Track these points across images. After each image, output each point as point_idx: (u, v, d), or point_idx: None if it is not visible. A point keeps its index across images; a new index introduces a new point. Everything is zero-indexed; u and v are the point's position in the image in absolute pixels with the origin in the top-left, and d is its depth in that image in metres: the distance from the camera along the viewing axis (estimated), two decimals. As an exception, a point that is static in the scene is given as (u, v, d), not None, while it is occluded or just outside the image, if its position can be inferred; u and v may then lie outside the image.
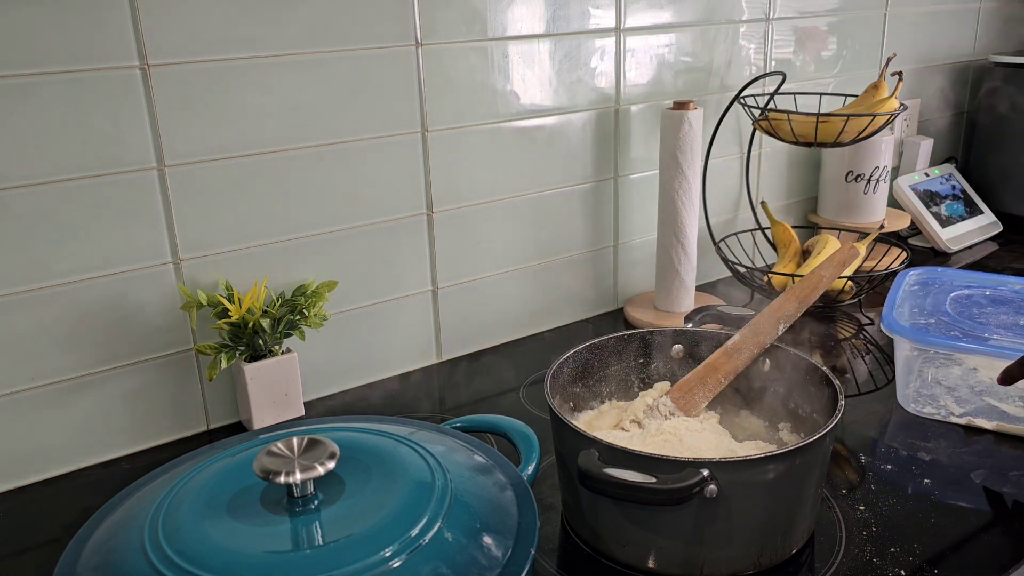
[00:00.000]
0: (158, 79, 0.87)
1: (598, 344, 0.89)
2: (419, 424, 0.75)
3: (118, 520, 0.61)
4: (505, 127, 1.12)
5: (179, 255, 0.93)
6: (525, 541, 0.58)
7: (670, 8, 1.24)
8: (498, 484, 0.65)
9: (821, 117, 1.21)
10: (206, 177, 0.92)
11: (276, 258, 0.99)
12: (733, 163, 1.41)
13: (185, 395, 0.97)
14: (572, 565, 0.75)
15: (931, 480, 0.86)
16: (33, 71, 0.81)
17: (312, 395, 1.05)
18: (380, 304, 1.09)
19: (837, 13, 1.47)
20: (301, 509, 0.58)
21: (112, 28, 0.83)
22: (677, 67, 1.28)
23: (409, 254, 1.09)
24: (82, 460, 0.92)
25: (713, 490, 0.66)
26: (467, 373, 1.14)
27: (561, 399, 0.85)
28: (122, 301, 0.90)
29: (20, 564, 0.78)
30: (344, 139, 1.00)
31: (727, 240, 1.38)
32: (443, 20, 1.03)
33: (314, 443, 0.60)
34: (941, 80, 1.75)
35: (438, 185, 1.08)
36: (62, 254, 0.86)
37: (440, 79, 1.05)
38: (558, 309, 1.26)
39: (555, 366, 0.84)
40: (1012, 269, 1.43)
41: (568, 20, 1.14)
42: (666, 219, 1.22)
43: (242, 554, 0.54)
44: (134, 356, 0.93)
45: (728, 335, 0.88)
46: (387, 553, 0.54)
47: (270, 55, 0.92)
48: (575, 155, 1.20)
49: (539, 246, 1.21)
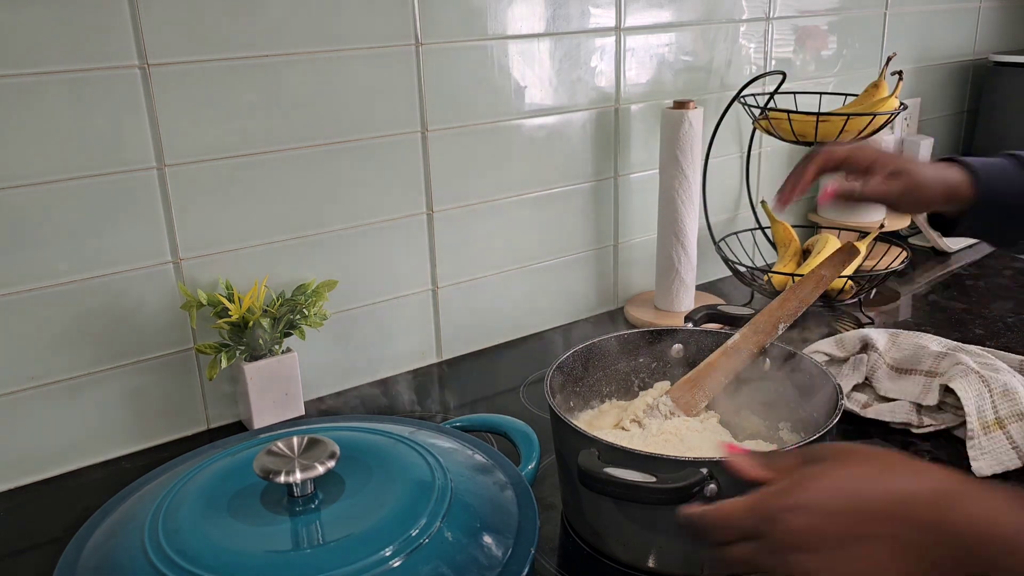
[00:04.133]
0: (158, 79, 0.87)
1: (598, 343, 0.89)
2: (419, 424, 0.75)
3: (118, 520, 0.61)
4: (505, 126, 1.12)
5: (179, 254, 0.93)
6: (525, 540, 0.58)
7: (670, 7, 1.24)
8: (498, 483, 0.65)
9: (821, 116, 1.21)
10: (206, 177, 0.92)
11: (276, 257, 0.99)
12: (733, 162, 1.41)
13: (185, 395, 0.97)
14: (572, 564, 0.75)
15: (931, 479, 0.86)
16: (33, 71, 0.81)
17: (312, 395, 1.05)
18: (380, 304, 1.09)
19: (837, 12, 1.47)
20: (301, 508, 0.58)
21: (112, 28, 0.83)
22: (677, 66, 1.27)
23: (409, 254, 1.09)
24: (82, 460, 0.92)
25: (713, 489, 0.66)
26: (467, 373, 1.14)
27: (561, 398, 0.85)
28: (122, 301, 0.90)
29: (20, 564, 0.78)
30: (344, 138, 1.00)
31: (727, 239, 1.38)
32: (443, 19, 1.03)
33: (314, 443, 0.60)
34: (941, 79, 1.75)
35: (438, 185, 1.08)
36: (62, 254, 0.86)
37: (440, 78, 1.05)
38: (558, 309, 1.26)
39: (555, 365, 0.84)
40: (1012, 268, 1.43)
41: (568, 19, 1.14)
42: (666, 218, 1.22)
43: (242, 553, 0.54)
44: (134, 356, 0.93)
45: (728, 334, 0.88)
46: (387, 552, 0.54)
47: (270, 55, 0.92)
48: (575, 155, 1.20)
49: (539, 246, 1.21)
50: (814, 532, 0.47)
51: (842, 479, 0.47)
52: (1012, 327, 1.19)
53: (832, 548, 0.46)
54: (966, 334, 1.17)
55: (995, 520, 0.44)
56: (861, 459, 0.49)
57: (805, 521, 0.47)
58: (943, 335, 1.06)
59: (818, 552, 0.46)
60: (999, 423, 0.88)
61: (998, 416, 0.88)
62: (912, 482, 0.47)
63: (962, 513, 0.45)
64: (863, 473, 0.48)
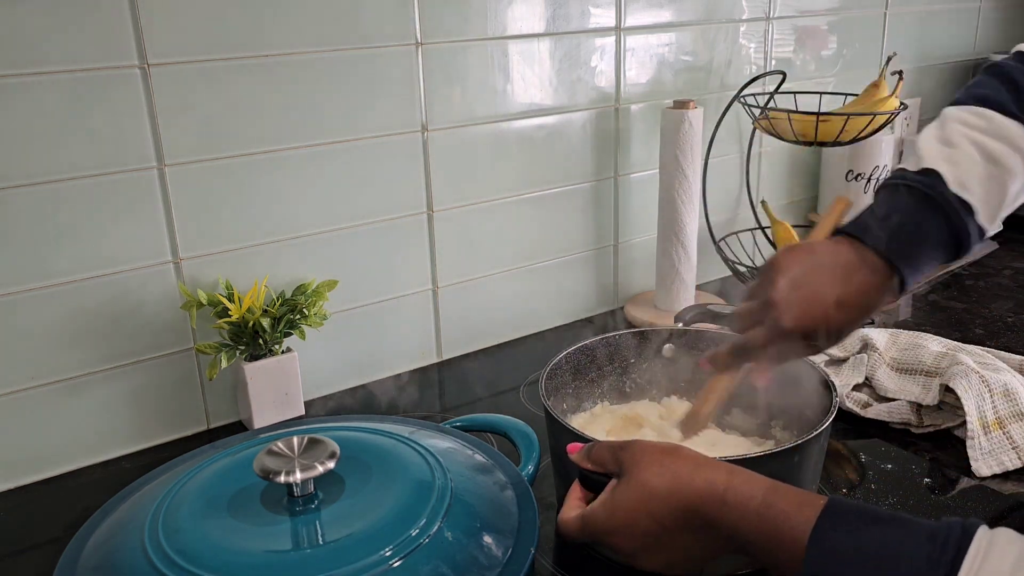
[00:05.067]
0: (158, 79, 0.87)
1: (589, 345, 0.89)
2: (419, 423, 0.75)
3: (118, 520, 0.61)
4: (505, 126, 1.12)
5: (179, 254, 0.93)
6: (525, 540, 0.58)
7: (670, 7, 1.24)
8: (498, 483, 0.65)
9: (821, 116, 1.20)
10: (206, 177, 0.92)
11: (276, 257, 0.99)
12: (733, 162, 1.41)
13: (185, 395, 0.97)
14: (572, 564, 0.75)
15: (931, 479, 0.86)
16: (33, 71, 0.81)
17: (312, 395, 1.05)
18: (380, 303, 1.09)
19: (837, 12, 1.47)
20: (301, 508, 0.58)
21: (112, 28, 0.83)
22: (677, 66, 1.28)
23: (409, 253, 1.09)
24: (82, 460, 0.92)
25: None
26: (467, 372, 1.14)
27: (556, 400, 0.85)
28: (122, 300, 0.90)
29: (20, 564, 0.78)
30: (344, 138, 1.00)
31: (727, 239, 1.38)
32: (443, 19, 1.03)
33: (314, 442, 0.60)
34: (941, 79, 1.75)
35: (438, 184, 1.08)
36: (62, 254, 0.86)
37: (440, 78, 1.05)
38: (558, 309, 1.26)
39: (549, 367, 0.84)
40: (1012, 268, 1.43)
41: (568, 19, 1.14)
42: (666, 218, 1.22)
43: (242, 553, 0.54)
44: (134, 355, 0.93)
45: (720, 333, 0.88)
46: (387, 552, 0.54)
47: (270, 55, 0.92)
48: (575, 154, 1.20)
49: (539, 246, 1.21)
50: (628, 544, 0.59)
51: (638, 494, 0.58)
52: (1012, 327, 1.19)
53: (648, 546, 0.58)
54: (966, 334, 1.17)
55: (746, 528, 0.53)
56: (654, 465, 0.58)
57: (619, 541, 0.59)
58: (943, 335, 1.06)
59: (642, 551, 0.59)
60: (999, 423, 0.88)
61: (998, 416, 0.89)
62: (689, 484, 0.56)
63: (727, 515, 0.54)
64: (654, 483, 0.57)
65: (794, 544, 0.50)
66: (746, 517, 0.53)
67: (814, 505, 0.51)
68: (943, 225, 0.72)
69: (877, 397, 0.97)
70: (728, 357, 0.75)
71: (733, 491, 0.55)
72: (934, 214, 0.72)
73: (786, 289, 0.70)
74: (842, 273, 0.70)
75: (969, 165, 0.72)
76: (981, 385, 0.90)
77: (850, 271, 0.70)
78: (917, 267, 0.72)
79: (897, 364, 0.98)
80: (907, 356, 0.98)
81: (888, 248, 0.71)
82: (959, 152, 0.73)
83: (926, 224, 0.72)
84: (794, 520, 0.51)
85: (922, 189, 0.72)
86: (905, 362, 0.98)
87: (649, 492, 0.57)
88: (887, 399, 0.96)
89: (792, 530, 0.51)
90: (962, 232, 0.72)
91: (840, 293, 0.69)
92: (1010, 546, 0.45)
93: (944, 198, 0.71)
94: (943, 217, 0.72)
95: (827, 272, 0.70)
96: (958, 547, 0.45)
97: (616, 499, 0.59)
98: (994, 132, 0.73)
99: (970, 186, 0.72)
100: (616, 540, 0.59)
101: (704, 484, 0.56)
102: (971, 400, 0.89)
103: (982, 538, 0.45)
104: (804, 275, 0.70)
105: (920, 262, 0.72)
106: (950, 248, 0.73)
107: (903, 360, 0.98)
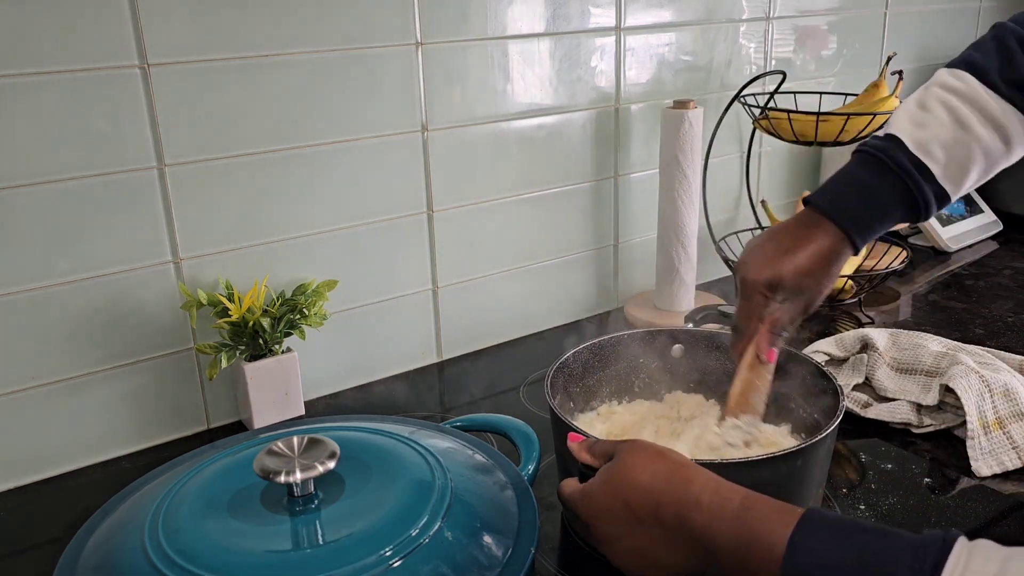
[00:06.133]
0: (158, 79, 0.87)
1: (599, 344, 0.89)
2: (419, 423, 0.75)
3: (118, 520, 0.61)
4: (505, 126, 1.12)
5: (179, 254, 0.93)
6: (525, 540, 0.58)
7: (670, 7, 1.24)
8: (498, 483, 0.65)
9: (821, 116, 1.21)
10: (206, 177, 0.92)
11: (276, 257, 0.99)
12: (733, 162, 1.41)
13: (185, 395, 0.97)
14: (572, 564, 0.75)
15: (931, 479, 0.86)
16: (33, 71, 0.81)
17: (312, 395, 1.05)
18: (380, 303, 1.09)
19: (837, 12, 1.47)
20: (301, 508, 0.58)
21: (112, 28, 0.83)
22: (677, 66, 1.27)
23: (409, 253, 1.09)
24: (82, 460, 0.92)
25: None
26: (467, 372, 1.14)
27: (562, 399, 0.85)
28: (122, 300, 0.90)
29: (20, 564, 0.78)
30: (344, 138, 1.00)
31: (727, 239, 1.38)
32: (443, 19, 1.03)
33: (314, 442, 0.60)
34: (941, 79, 1.75)
35: (438, 184, 1.08)
36: (62, 254, 0.86)
37: (440, 78, 1.05)
38: (558, 309, 1.26)
39: (556, 365, 0.84)
40: (1012, 268, 1.44)
41: (568, 19, 1.14)
42: (666, 218, 1.22)
43: (242, 553, 0.54)
44: (134, 355, 0.93)
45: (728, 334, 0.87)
46: (387, 552, 0.54)
47: (270, 55, 0.92)
48: (575, 154, 1.20)
49: (539, 246, 1.21)
50: (602, 529, 0.60)
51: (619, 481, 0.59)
52: (1012, 327, 1.19)
53: (621, 535, 0.59)
54: (966, 334, 1.17)
55: (719, 531, 0.53)
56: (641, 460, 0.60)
57: (595, 525, 0.60)
58: (943, 335, 1.06)
59: (621, 539, 0.59)
60: (999, 423, 0.88)
61: (998, 416, 0.89)
62: (667, 481, 0.57)
63: (700, 516, 0.54)
64: (635, 475, 0.59)
65: (770, 550, 0.50)
66: (721, 519, 0.53)
67: (792, 512, 0.51)
68: (895, 188, 0.77)
69: (877, 397, 0.97)
70: (735, 340, 0.81)
71: (709, 493, 0.55)
72: (885, 178, 0.78)
73: (746, 251, 0.80)
74: (795, 233, 0.78)
75: (936, 128, 0.78)
76: (981, 385, 0.90)
77: (803, 231, 0.78)
78: (867, 228, 0.78)
79: (897, 364, 0.98)
80: (907, 356, 0.98)
81: (833, 210, 0.77)
82: (930, 115, 0.79)
83: (876, 188, 0.78)
84: (771, 524, 0.51)
85: (875, 154, 0.78)
86: (905, 362, 0.98)
87: (629, 482, 0.59)
88: (887, 399, 0.96)
89: (769, 535, 0.50)
90: (917, 194, 0.77)
91: (792, 246, 0.77)
92: (990, 556, 0.45)
93: (896, 162, 0.77)
94: (895, 180, 0.77)
95: (782, 233, 0.79)
96: (938, 558, 0.45)
97: (600, 484, 0.61)
98: (969, 97, 0.79)
99: (931, 149, 0.77)
100: (593, 523, 0.61)
101: (682, 483, 0.57)
102: (971, 400, 0.89)
103: (962, 549, 0.45)
104: (763, 238, 0.80)
105: (870, 223, 0.78)
106: (910, 209, 0.79)
107: (903, 360, 0.98)
